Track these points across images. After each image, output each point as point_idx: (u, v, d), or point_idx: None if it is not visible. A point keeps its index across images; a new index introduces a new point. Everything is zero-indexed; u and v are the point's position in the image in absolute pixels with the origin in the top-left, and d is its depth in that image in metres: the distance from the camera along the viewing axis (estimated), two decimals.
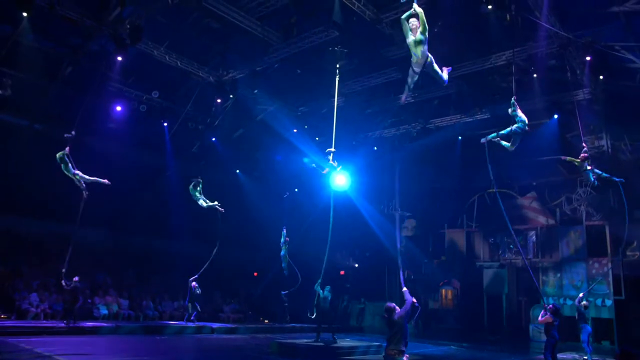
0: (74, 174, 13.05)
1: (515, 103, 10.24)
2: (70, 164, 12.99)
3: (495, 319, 22.61)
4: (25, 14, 14.04)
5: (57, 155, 12.99)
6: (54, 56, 17.51)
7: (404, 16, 6.87)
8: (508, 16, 14.33)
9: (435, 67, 6.95)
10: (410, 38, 6.74)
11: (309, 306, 15.75)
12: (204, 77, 18.56)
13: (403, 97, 7.82)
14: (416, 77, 7.03)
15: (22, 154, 18.80)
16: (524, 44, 15.58)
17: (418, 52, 6.73)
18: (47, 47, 17.40)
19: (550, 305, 10.82)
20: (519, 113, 10.17)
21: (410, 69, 7.01)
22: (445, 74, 7.16)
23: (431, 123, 22.07)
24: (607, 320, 19.49)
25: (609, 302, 19.53)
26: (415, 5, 6.79)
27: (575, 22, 15.11)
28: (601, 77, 17.09)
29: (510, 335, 21.48)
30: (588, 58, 15.85)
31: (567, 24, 14.92)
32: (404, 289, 7.11)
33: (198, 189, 16.80)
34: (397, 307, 6.54)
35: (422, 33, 6.65)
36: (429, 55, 6.83)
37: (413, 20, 6.74)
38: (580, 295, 14.31)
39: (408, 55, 7.03)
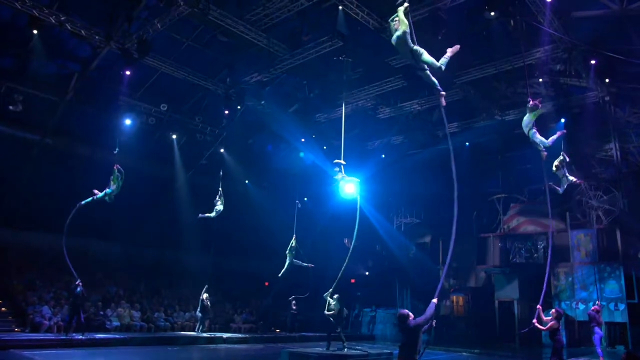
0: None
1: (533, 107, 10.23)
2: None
3: (507, 324, 22.43)
4: (35, 32, 14.31)
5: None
6: (64, 71, 17.84)
7: (390, 19, 6.80)
8: (512, 22, 14.41)
9: (427, 57, 6.71)
10: (393, 36, 6.68)
11: (319, 315, 15.77)
12: (211, 89, 18.77)
13: (441, 98, 7.35)
14: (427, 70, 6.75)
15: (33, 168, 19.08)
16: (529, 50, 15.63)
17: (404, 48, 6.66)
18: (57, 63, 17.75)
19: (553, 310, 10.74)
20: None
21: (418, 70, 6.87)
22: (444, 59, 6.84)
23: (438, 130, 22.14)
24: (621, 325, 19.29)
25: (622, 306, 19.34)
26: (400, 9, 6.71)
27: (579, 26, 15.15)
28: (607, 80, 17.08)
29: (523, 340, 21.29)
30: (593, 62, 15.86)
31: (571, 28, 14.94)
32: (435, 300, 6.69)
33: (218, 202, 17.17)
34: (410, 314, 6.42)
35: (402, 27, 6.58)
36: (417, 47, 6.67)
37: (397, 19, 6.68)
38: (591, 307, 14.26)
39: (412, 63, 6.90)
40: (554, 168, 11.80)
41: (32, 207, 19.20)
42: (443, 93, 6.88)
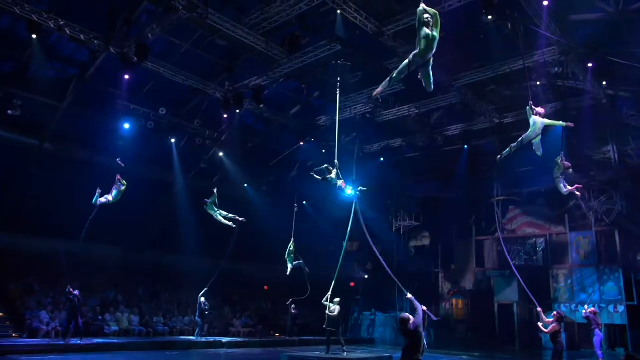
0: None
1: (533, 107, 10.27)
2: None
3: (506, 327, 22.43)
4: (34, 36, 14.31)
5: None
6: (63, 76, 17.84)
7: (421, 8, 6.75)
8: (509, 25, 14.45)
9: (430, 70, 6.88)
10: (426, 31, 6.64)
11: (319, 319, 15.75)
12: (210, 93, 18.78)
13: (379, 90, 7.54)
14: (403, 75, 6.87)
15: (32, 172, 19.06)
16: (527, 52, 15.67)
17: (424, 46, 6.65)
18: (55, 67, 17.75)
19: (554, 312, 10.77)
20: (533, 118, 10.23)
21: (404, 64, 6.83)
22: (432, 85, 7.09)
23: (437, 132, 22.16)
24: (621, 327, 19.29)
25: (621, 308, 19.35)
26: (424, 5, 6.75)
27: (576, 29, 15.20)
28: (604, 82, 17.13)
29: (523, 343, 21.30)
30: (590, 64, 15.90)
31: (568, 32, 15.00)
32: (408, 295, 6.95)
33: (211, 201, 17.08)
34: (411, 317, 6.47)
35: (436, 30, 6.63)
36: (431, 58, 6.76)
37: (427, 15, 6.71)
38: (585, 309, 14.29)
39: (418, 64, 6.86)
40: (558, 163, 11.90)
41: (31, 211, 19.17)
42: (378, 91, 7.55)
